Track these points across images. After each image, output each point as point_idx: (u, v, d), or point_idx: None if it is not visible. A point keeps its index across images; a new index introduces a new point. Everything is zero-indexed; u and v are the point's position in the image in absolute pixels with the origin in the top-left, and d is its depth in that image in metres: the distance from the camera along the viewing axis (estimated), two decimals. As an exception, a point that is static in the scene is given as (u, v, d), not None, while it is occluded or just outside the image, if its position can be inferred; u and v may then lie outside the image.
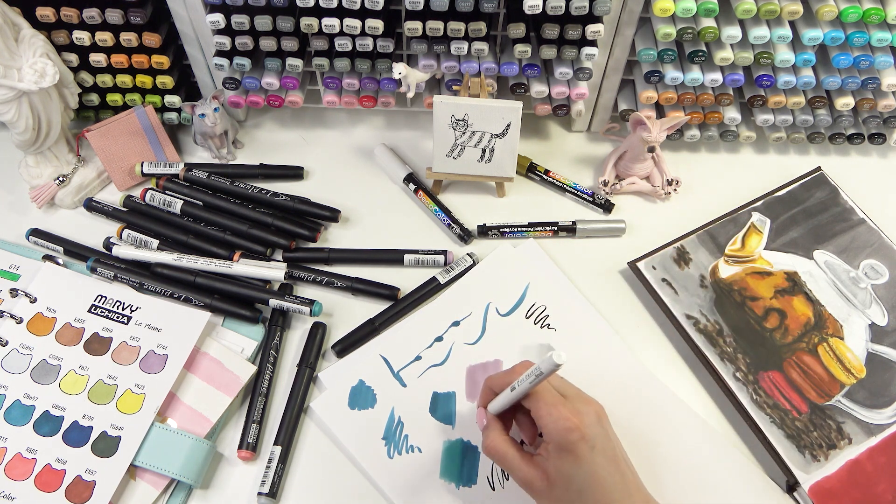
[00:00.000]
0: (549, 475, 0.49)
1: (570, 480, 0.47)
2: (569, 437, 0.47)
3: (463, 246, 0.70)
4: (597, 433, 0.48)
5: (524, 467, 0.49)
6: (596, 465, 0.47)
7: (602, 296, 0.67)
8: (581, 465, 0.47)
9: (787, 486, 0.57)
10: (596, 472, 0.47)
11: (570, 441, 0.47)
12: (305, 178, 0.75)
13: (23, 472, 0.55)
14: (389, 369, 0.62)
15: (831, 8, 0.62)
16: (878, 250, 0.69)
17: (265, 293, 0.64)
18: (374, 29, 0.64)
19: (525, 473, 0.49)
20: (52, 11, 0.64)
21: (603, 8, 0.61)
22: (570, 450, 0.47)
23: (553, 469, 0.48)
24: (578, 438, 0.47)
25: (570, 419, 0.48)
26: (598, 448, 0.48)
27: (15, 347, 0.60)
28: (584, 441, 0.47)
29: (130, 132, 0.72)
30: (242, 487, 0.57)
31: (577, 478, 0.47)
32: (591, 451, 0.47)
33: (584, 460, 0.47)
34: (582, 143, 0.79)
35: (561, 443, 0.48)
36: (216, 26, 0.65)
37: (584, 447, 0.47)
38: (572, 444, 0.47)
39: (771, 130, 0.76)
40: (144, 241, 0.68)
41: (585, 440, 0.47)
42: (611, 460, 0.48)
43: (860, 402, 0.60)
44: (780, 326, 0.64)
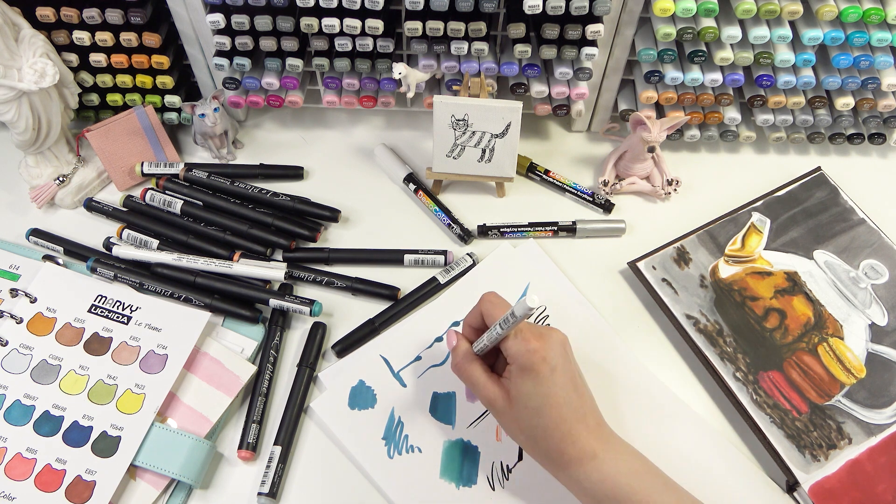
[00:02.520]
0: (510, 394, 0.51)
1: (529, 398, 0.50)
2: (531, 357, 0.49)
3: (463, 246, 0.70)
4: (558, 357, 0.50)
5: (489, 385, 0.52)
6: (555, 385, 0.49)
7: (602, 296, 0.67)
8: (540, 384, 0.49)
9: (787, 486, 0.57)
10: (554, 391, 0.49)
11: (532, 362, 0.49)
12: (305, 178, 0.75)
13: (23, 472, 0.55)
14: (389, 369, 0.62)
15: (831, 8, 0.62)
16: (878, 250, 0.69)
17: (265, 293, 0.64)
18: (374, 29, 0.64)
19: (489, 391, 0.52)
20: (52, 11, 0.64)
21: (603, 8, 0.61)
22: (531, 369, 0.49)
23: (514, 388, 0.50)
24: (540, 360, 0.49)
25: (532, 342, 0.50)
26: (558, 370, 0.50)
27: (15, 347, 0.60)
28: (545, 362, 0.49)
29: (130, 132, 0.72)
30: (242, 487, 0.57)
31: (535, 396, 0.49)
32: (551, 373, 0.49)
33: (544, 380, 0.49)
34: (582, 143, 0.79)
35: (523, 364, 0.50)
36: (216, 26, 0.65)
37: (544, 368, 0.49)
38: (534, 364, 0.49)
39: (771, 130, 0.76)
40: (144, 241, 0.68)
41: (546, 361, 0.49)
42: (569, 382, 0.50)
43: (860, 402, 0.60)
44: (780, 326, 0.64)
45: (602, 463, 0.49)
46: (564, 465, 0.50)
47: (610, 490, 0.48)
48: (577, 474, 0.49)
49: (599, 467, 0.49)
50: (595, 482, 0.49)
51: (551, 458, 0.51)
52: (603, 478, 0.49)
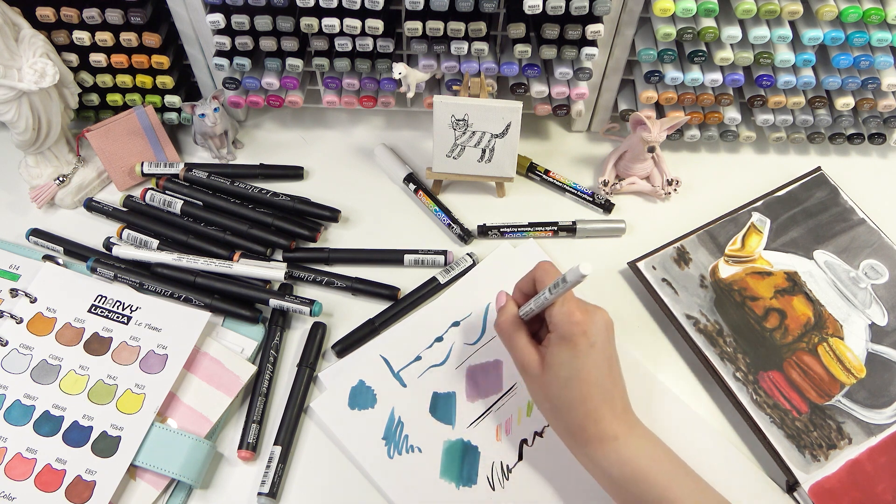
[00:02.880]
0: (545, 360, 0.51)
1: (562, 367, 0.50)
2: (572, 328, 0.49)
3: (463, 246, 0.70)
4: (599, 334, 0.50)
5: (526, 349, 0.52)
6: (590, 360, 0.49)
7: (602, 296, 0.67)
8: (576, 356, 0.49)
9: (787, 486, 0.57)
10: (588, 367, 0.49)
11: (572, 333, 0.49)
12: (305, 178, 0.75)
13: (23, 472, 0.55)
14: (389, 369, 0.62)
15: (831, 8, 0.62)
16: (878, 250, 0.69)
17: (265, 293, 0.64)
18: (374, 29, 0.64)
19: (525, 355, 0.52)
20: (52, 11, 0.64)
21: (603, 8, 0.61)
22: (571, 340, 0.49)
23: (550, 355, 0.51)
24: (580, 332, 0.49)
25: (576, 314, 0.50)
26: (596, 347, 0.50)
27: (15, 347, 0.60)
28: (585, 336, 0.49)
29: (130, 132, 0.72)
30: (242, 487, 0.57)
31: (568, 367, 0.50)
32: (589, 348, 0.49)
33: (581, 353, 0.49)
34: (582, 143, 0.79)
35: (563, 333, 0.50)
36: (216, 26, 0.65)
37: (583, 341, 0.49)
38: (573, 335, 0.49)
39: (771, 130, 0.76)
40: (144, 241, 0.68)
41: (587, 335, 0.49)
42: (605, 362, 0.50)
43: (860, 402, 0.60)
44: (780, 326, 0.64)
45: (621, 445, 0.49)
46: (584, 442, 0.50)
47: (629, 472, 0.49)
48: (596, 453, 0.50)
49: (619, 449, 0.49)
50: (613, 463, 0.49)
51: (571, 433, 0.51)
52: (621, 460, 0.49)
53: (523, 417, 0.60)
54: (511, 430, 0.59)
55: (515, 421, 0.60)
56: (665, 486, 0.48)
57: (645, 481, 0.48)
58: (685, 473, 0.50)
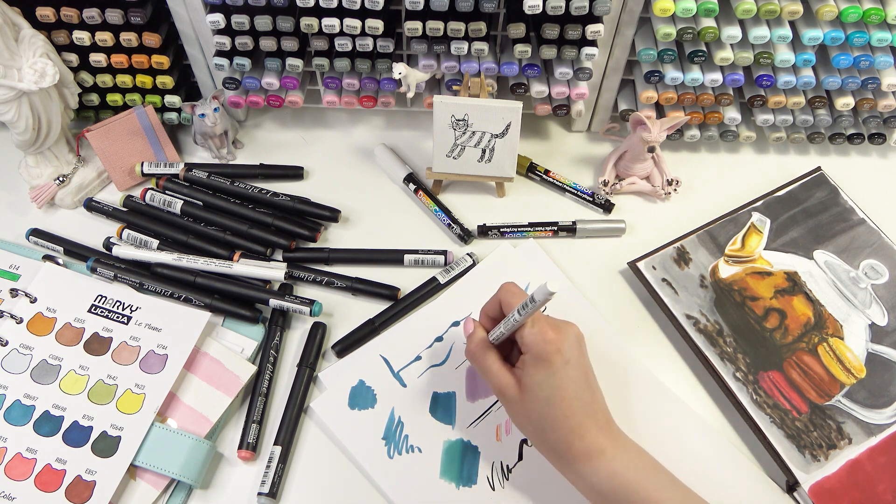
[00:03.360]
0: (521, 383, 0.51)
1: (541, 388, 0.50)
2: (546, 347, 0.49)
3: (463, 246, 0.70)
4: (573, 350, 0.50)
5: (501, 373, 0.52)
6: (567, 378, 0.49)
7: (602, 296, 0.67)
8: (553, 375, 0.49)
9: (787, 486, 0.57)
10: (566, 384, 0.49)
11: (547, 352, 0.49)
12: (305, 178, 0.75)
13: (23, 472, 0.55)
14: (389, 369, 0.62)
15: (831, 8, 0.62)
16: (878, 250, 0.69)
17: (265, 293, 0.64)
18: (374, 29, 0.64)
19: (500, 379, 0.52)
20: (52, 11, 0.64)
21: (603, 8, 0.61)
22: (545, 359, 0.49)
23: (526, 377, 0.51)
24: (554, 350, 0.49)
25: (548, 332, 0.50)
26: (571, 363, 0.50)
27: (15, 347, 0.60)
28: (560, 354, 0.49)
29: (130, 132, 0.72)
30: (242, 487, 0.57)
31: (546, 386, 0.50)
32: (564, 365, 0.49)
33: (557, 371, 0.49)
34: (582, 143, 0.79)
35: (537, 353, 0.50)
36: (216, 26, 0.65)
37: (558, 359, 0.49)
38: (548, 354, 0.49)
39: (771, 130, 0.76)
40: (144, 241, 0.68)
41: (561, 353, 0.49)
42: (582, 376, 0.50)
43: (860, 402, 0.60)
44: (780, 326, 0.64)
45: (609, 459, 0.49)
46: (571, 459, 0.50)
47: (618, 486, 0.48)
48: (584, 469, 0.49)
49: (607, 463, 0.49)
50: (602, 478, 0.49)
51: (558, 452, 0.51)
52: (610, 474, 0.49)
53: (523, 417, 0.60)
54: (511, 430, 0.59)
55: (515, 421, 0.60)
56: (654, 498, 0.48)
57: (634, 493, 0.48)
58: (673, 484, 0.50)
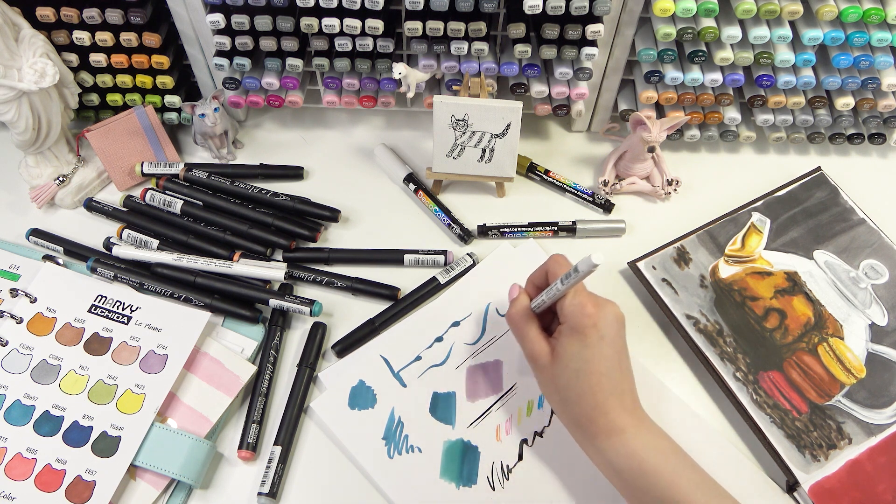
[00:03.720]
0: (555, 352, 0.51)
1: (572, 359, 0.50)
2: (583, 320, 0.50)
3: (463, 246, 0.70)
4: (610, 327, 0.50)
5: (536, 340, 0.53)
6: (600, 353, 0.50)
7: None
8: (586, 348, 0.50)
9: (787, 486, 0.57)
10: (597, 359, 0.50)
11: (583, 325, 0.50)
12: (305, 178, 0.75)
13: (23, 472, 0.55)
14: (389, 369, 0.62)
15: (831, 8, 0.62)
16: (878, 250, 0.69)
17: (265, 293, 0.64)
18: (374, 29, 0.64)
19: (535, 346, 0.53)
20: (52, 11, 0.64)
21: (603, 8, 0.61)
22: (581, 332, 0.50)
23: (560, 346, 0.51)
24: (591, 325, 0.50)
25: (588, 306, 0.50)
26: (606, 340, 0.50)
27: (15, 347, 0.60)
28: (596, 329, 0.50)
29: (130, 132, 0.72)
30: (242, 487, 0.57)
31: (577, 358, 0.50)
32: (599, 340, 0.50)
33: (591, 345, 0.49)
34: (582, 143, 0.79)
35: (574, 324, 0.50)
36: (216, 26, 0.65)
37: (594, 333, 0.50)
38: (584, 327, 0.50)
39: (771, 130, 0.76)
40: (144, 241, 0.68)
41: (597, 328, 0.50)
42: (615, 355, 0.50)
43: (860, 402, 0.60)
44: (780, 326, 0.64)
45: (630, 438, 0.49)
46: (592, 434, 0.50)
47: (636, 465, 0.49)
48: (604, 445, 0.50)
49: (627, 442, 0.49)
50: (621, 456, 0.49)
51: (580, 426, 0.51)
52: (629, 452, 0.49)
53: (523, 417, 0.60)
54: (511, 430, 0.59)
55: (515, 421, 0.60)
56: (672, 480, 0.48)
57: (652, 474, 0.48)
58: (692, 468, 0.50)
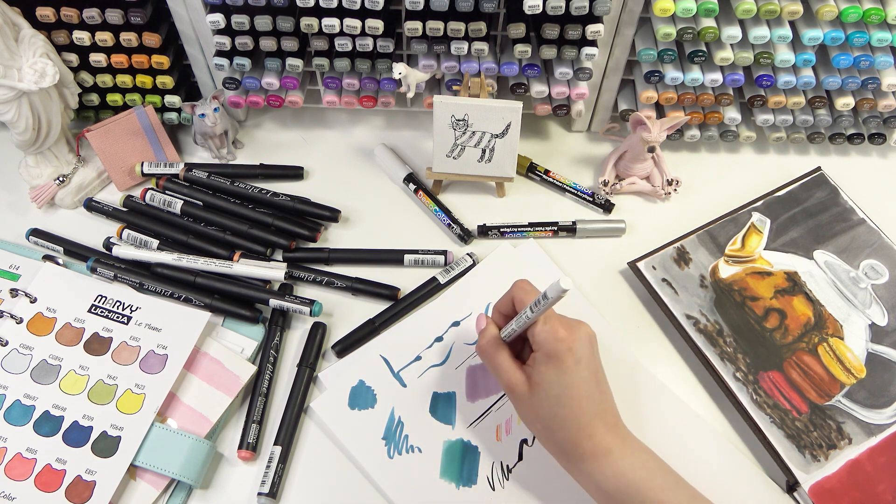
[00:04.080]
0: (532, 380, 0.51)
1: (550, 386, 0.50)
2: (557, 346, 0.49)
3: (463, 246, 0.70)
4: (584, 350, 0.50)
5: (511, 370, 0.52)
6: (578, 377, 0.50)
7: (602, 296, 0.67)
8: (564, 373, 0.49)
9: (787, 486, 0.57)
10: (576, 383, 0.49)
11: (558, 350, 0.49)
12: (305, 178, 0.75)
13: (23, 472, 0.55)
14: (389, 369, 0.62)
15: (831, 8, 0.62)
16: (878, 250, 0.69)
17: (265, 293, 0.64)
18: (374, 29, 0.64)
19: (511, 376, 0.52)
20: (52, 11, 0.64)
21: (603, 8, 0.61)
22: (557, 357, 0.49)
23: (537, 375, 0.50)
24: (566, 349, 0.49)
25: (560, 331, 0.50)
26: (582, 363, 0.50)
27: (15, 347, 0.60)
28: (571, 353, 0.49)
29: (130, 132, 0.72)
30: (242, 487, 0.57)
31: (557, 385, 0.50)
32: (575, 364, 0.49)
33: (568, 370, 0.49)
34: (582, 143, 0.79)
35: (549, 351, 0.50)
36: (216, 26, 0.65)
37: (569, 358, 0.49)
38: (559, 353, 0.49)
39: (771, 130, 0.76)
40: (144, 241, 0.68)
41: (572, 352, 0.49)
42: (592, 376, 0.50)
43: (860, 402, 0.60)
44: (780, 326, 0.64)
45: (616, 459, 0.49)
46: (579, 458, 0.50)
47: (623, 486, 0.48)
48: (591, 469, 0.50)
49: (614, 463, 0.49)
50: (608, 477, 0.49)
51: (566, 451, 0.51)
52: (616, 473, 0.49)
53: (523, 417, 0.60)
54: (511, 430, 0.59)
55: (515, 421, 0.60)
56: (659, 499, 0.48)
57: (640, 493, 0.48)
58: (680, 485, 0.50)
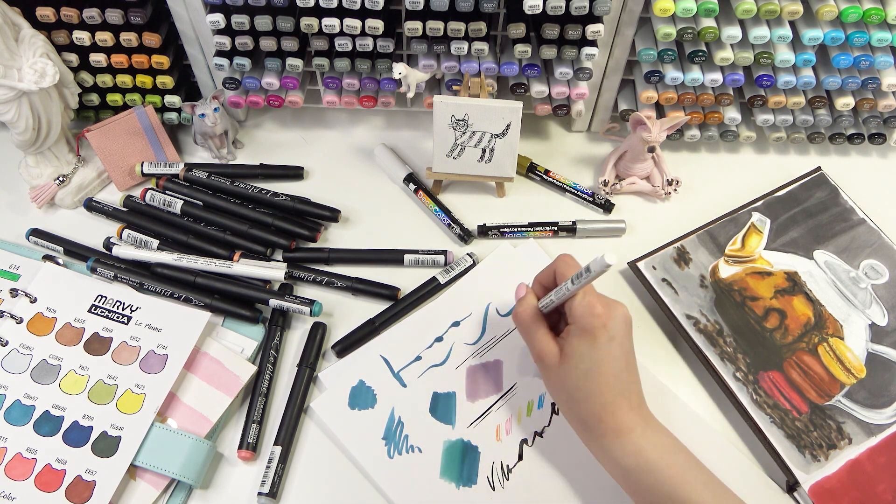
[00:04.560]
0: (563, 352, 0.51)
1: (581, 359, 0.50)
2: (593, 321, 0.50)
3: (463, 246, 0.70)
4: (619, 329, 0.51)
5: (544, 339, 0.53)
6: (609, 354, 0.50)
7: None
8: (595, 349, 0.50)
9: (787, 486, 0.57)
10: (607, 360, 0.50)
11: (593, 325, 0.50)
12: (305, 178, 0.75)
13: (23, 472, 0.55)
14: (389, 369, 0.62)
15: (831, 8, 0.62)
16: (878, 250, 0.69)
17: (265, 293, 0.64)
18: (374, 29, 0.64)
19: (543, 345, 0.53)
20: (52, 11, 0.64)
21: (603, 8, 0.61)
22: (591, 332, 0.50)
23: (569, 347, 0.51)
24: (601, 325, 0.50)
25: (598, 307, 0.50)
26: (615, 341, 0.50)
27: (15, 347, 0.60)
28: (605, 329, 0.50)
29: (130, 132, 0.72)
30: (242, 487, 0.57)
31: (587, 359, 0.50)
32: (608, 341, 0.50)
33: (600, 346, 0.50)
34: (582, 143, 0.79)
35: (584, 325, 0.50)
36: (216, 26, 0.65)
37: (603, 335, 0.50)
38: (594, 328, 0.50)
39: (771, 130, 0.76)
40: (144, 241, 0.68)
41: (606, 329, 0.50)
42: (623, 356, 0.51)
43: (860, 402, 0.60)
44: (780, 326, 0.64)
45: (638, 437, 0.50)
46: (600, 433, 0.51)
47: (643, 463, 0.49)
48: (611, 444, 0.50)
49: (634, 441, 0.50)
50: (628, 454, 0.49)
51: (588, 425, 0.51)
52: (636, 451, 0.49)
53: (523, 417, 0.60)
54: (511, 430, 0.59)
55: (515, 421, 0.60)
56: (678, 479, 0.49)
57: (659, 472, 0.49)
58: (698, 467, 0.50)
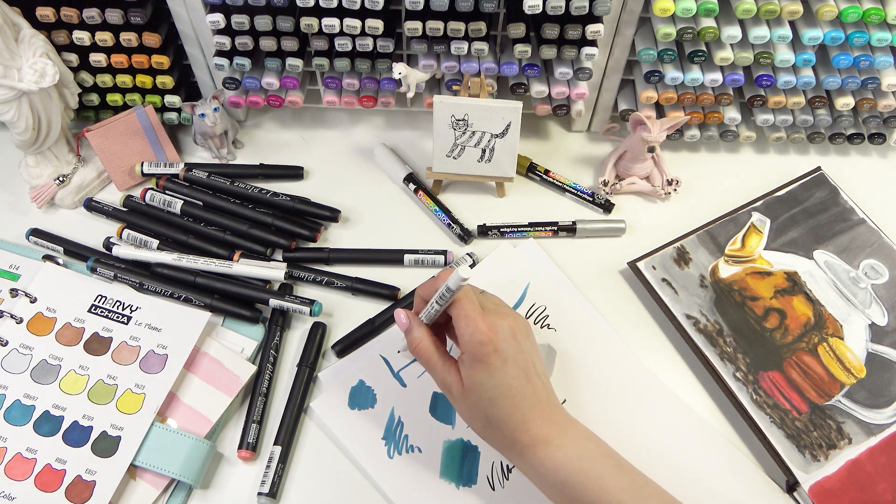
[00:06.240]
0: (464, 384, 0.51)
1: (483, 388, 0.50)
2: (482, 349, 0.49)
3: (463, 246, 0.70)
4: (509, 347, 0.50)
5: (444, 370, 0.52)
6: (507, 376, 0.49)
7: (602, 296, 0.67)
8: (492, 376, 0.49)
9: (787, 486, 0.57)
10: (507, 382, 0.49)
11: (483, 353, 0.49)
12: (305, 178, 0.75)
13: (23, 472, 0.55)
14: (389, 369, 0.62)
15: (831, 8, 0.62)
16: (878, 250, 0.69)
17: (265, 293, 0.64)
18: (374, 29, 0.64)
19: (444, 377, 0.52)
20: (52, 11, 0.64)
21: (603, 8, 0.61)
22: (483, 360, 0.49)
23: (467, 377, 0.50)
24: (491, 351, 0.49)
25: (484, 332, 0.49)
26: (509, 361, 0.50)
27: (15, 347, 0.60)
28: (497, 354, 0.49)
29: (130, 132, 0.72)
30: (242, 487, 0.57)
31: (488, 387, 0.50)
32: (502, 364, 0.49)
33: (496, 371, 0.49)
34: (582, 143, 0.79)
35: (474, 354, 0.50)
36: (216, 26, 0.65)
37: (496, 359, 0.49)
38: (485, 355, 0.49)
39: (771, 130, 0.76)
40: (144, 241, 0.68)
41: (498, 353, 0.49)
42: (522, 372, 0.50)
43: (860, 402, 0.60)
44: (780, 326, 0.64)
45: (555, 449, 0.49)
46: (519, 452, 0.50)
47: (564, 475, 0.49)
48: (532, 460, 0.50)
49: (553, 453, 0.49)
50: (548, 468, 0.49)
51: (507, 446, 0.51)
52: (556, 464, 0.49)
53: (523, 417, 0.60)
54: None
55: (515, 421, 0.59)
56: (598, 488, 0.48)
57: (581, 483, 0.48)
58: (619, 469, 0.50)
